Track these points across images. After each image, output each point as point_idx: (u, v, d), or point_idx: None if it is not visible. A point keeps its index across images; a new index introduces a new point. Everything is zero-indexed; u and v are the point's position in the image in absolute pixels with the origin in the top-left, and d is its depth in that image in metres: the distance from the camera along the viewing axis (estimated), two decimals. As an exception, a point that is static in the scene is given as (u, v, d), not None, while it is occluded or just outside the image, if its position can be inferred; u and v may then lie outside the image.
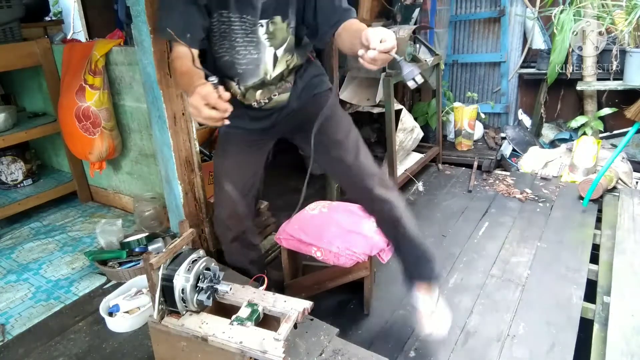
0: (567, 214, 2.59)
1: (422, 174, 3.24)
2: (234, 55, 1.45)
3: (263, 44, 1.43)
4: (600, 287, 1.94)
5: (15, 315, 1.85)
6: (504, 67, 3.76)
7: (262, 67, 1.47)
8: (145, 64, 1.72)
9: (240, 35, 1.41)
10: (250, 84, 1.50)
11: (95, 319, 1.76)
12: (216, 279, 1.28)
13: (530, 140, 3.65)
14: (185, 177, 1.90)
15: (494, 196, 2.89)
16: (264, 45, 1.43)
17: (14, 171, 2.70)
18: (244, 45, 1.43)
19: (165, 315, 1.26)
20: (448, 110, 3.67)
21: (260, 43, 1.43)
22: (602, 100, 3.49)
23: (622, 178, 2.88)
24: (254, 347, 1.14)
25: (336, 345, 1.42)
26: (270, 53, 1.45)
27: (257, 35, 1.41)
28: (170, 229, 2.21)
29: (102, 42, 2.25)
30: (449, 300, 1.94)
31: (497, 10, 3.64)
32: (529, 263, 2.17)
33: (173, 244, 1.26)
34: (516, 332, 1.75)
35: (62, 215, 2.67)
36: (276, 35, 1.43)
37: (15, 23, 2.39)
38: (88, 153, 2.34)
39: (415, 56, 2.85)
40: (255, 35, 1.41)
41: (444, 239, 2.43)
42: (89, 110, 2.22)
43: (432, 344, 1.70)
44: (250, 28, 1.40)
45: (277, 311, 1.26)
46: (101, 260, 2.02)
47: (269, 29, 1.41)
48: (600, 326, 1.72)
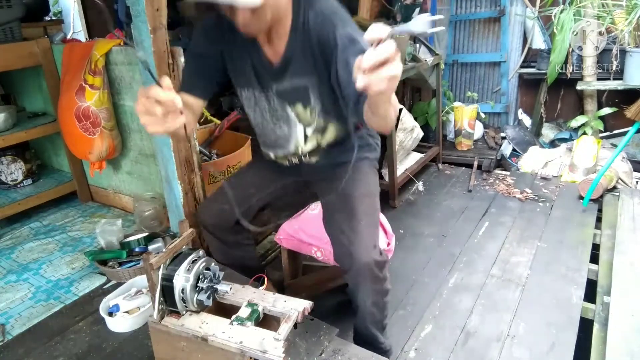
0: (567, 214, 2.59)
1: (422, 173, 3.24)
2: (265, 125, 1.40)
3: (293, 120, 1.35)
4: (601, 287, 1.94)
5: (15, 316, 1.85)
6: (504, 67, 3.76)
7: (293, 142, 1.39)
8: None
9: (268, 110, 1.36)
10: (281, 155, 1.46)
11: (95, 319, 1.76)
12: (216, 279, 1.27)
13: (530, 140, 3.65)
14: (185, 177, 1.89)
15: (494, 196, 2.89)
16: (294, 122, 1.35)
17: (13, 171, 2.70)
18: (274, 120, 1.37)
19: (165, 315, 1.26)
20: (448, 110, 3.67)
21: (290, 120, 1.35)
22: (602, 100, 3.49)
23: (622, 178, 2.88)
24: (254, 347, 1.14)
25: (336, 345, 1.42)
26: (301, 130, 1.37)
27: (286, 112, 1.34)
28: (170, 228, 2.21)
29: (102, 41, 2.25)
30: (449, 300, 1.95)
31: (497, 10, 3.64)
32: (529, 263, 2.17)
33: (173, 243, 1.26)
34: (516, 332, 1.75)
35: (62, 215, 2.67)
36: (302, 118, 1.35)
37: (15, 23, 2.38)
38: (88, 153, 2.33)
39: (415, 56, 2.85)
40: (285, 112, 1.34)
41: (444, 239, 2.43)
42: (88, 110, 2.22)
43: (432, 345, 1.71)
44: (278, 106, 1.34)
45: (277, 311, 1.26)
46: (101, 260, 2.02)
47: (296, 111, 1.34)
48: (600, 326, 1.72)
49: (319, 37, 1.17)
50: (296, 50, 1.21)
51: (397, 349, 1.69)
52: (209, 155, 2.49)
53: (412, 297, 1.97)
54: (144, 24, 1.63)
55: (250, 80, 1.32)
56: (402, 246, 2.34)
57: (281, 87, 1.28)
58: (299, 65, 1.23)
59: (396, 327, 1.79)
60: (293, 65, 1.24)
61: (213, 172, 2.23)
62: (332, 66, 1.16)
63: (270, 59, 1.26)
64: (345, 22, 1.16)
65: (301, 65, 1.23)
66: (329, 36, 1.14)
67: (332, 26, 1.14)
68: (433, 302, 1.94)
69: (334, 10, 1.19)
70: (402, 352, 1.68)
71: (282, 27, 1.20)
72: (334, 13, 1.18)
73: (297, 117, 1.34)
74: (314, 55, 1.20)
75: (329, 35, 1.14)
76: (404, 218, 2.67)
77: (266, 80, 1.30)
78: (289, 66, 1.24)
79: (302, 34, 1.19)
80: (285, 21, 1.19)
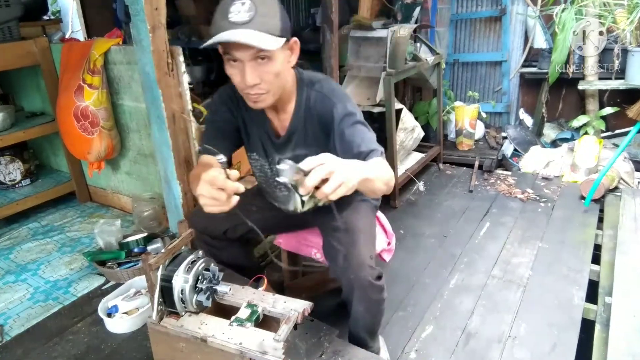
0: (569, 214, 2.58)
1: (423, 173, 3.23)
2: (267, 187, 1.54)
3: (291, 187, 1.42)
4: (602, 288, 1.93)
5: (13, 316, 1.84)
6: (505, 67, 3.75)
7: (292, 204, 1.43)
8: (144, 63, 1.71)
9: (269, 175, 1.49)
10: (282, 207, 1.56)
11: (94, 319, 1.75)
12: (215, 279, 1.27)
13: (531, 139, 3.64)
14: (185, 177, 1.89)
15: (495, 196, 2.88)
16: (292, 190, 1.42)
17: (12, 171, 2.69)
18: (274, 184, 1.49)
19: (164, 316, 1.25)
20: (449, 109, 3.66)
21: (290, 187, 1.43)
22: (604, 99, 3.48)
23: (624, 178, 2.87)
24: (253, 348, 1.13)
25: (336, 347, 1.41)
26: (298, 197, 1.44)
27: None
28: (169, 229, 2.20)
29: (101, 41, 2.24)
30: (450, 301, 1.94)
31: (499, 9, 3.63)
32: (530, 263, 2.16)
33: (172, 244, 1.25)
34: (517, 333, 1.74)
35: (61, 216, 2.66)
36: None
37: (13, 22, 2.38)
38: (86, 153, 2.32)
39: (416, 55, 2.84)
40: None
41: (445, 239, 2.42)
42: (87, 109, 2.21)
43: (433, 346, 1.70)
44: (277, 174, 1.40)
45: (277, 312, 1.25)
46: (100, 260, 2.02)
47: None
48: (601, 327, 1.71)
49: (320, 114, 1.32)
50: (299, 124, 1.36)
51: (398, 350, 1.68)
52: (209, 155, 2.48)
53: (413, 298, 1.96)
54: (143, 23, 1.62)
55: (257, 147, 1.45)
56: (403, 247, 2.33)
57: (284, 156, 1.41)
58: (302, 137, 1.37)
59: (397, 328, 1.79)
60: (296, 138, 1.38)
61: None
62: (331, 138, 1.31)
63: (276, 131, 1.41)
64: (342, 99, 1.31)
65: (303, 138, 1.37)
66: (328, 113, 1.30)
67: (331, 104, 1.30)
68: (434, 302, 1.93)
69: (332, 89, 1.34)
70: (402, 353, 1.67)
71: (288, 104, 1.35)
72: (332, 91, 1.33)
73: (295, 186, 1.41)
74: (315, 129, 1.35)
75: (328, 112, 1.30)
76: (405, 218, 2.66)
77: (270, 150, 1.43)
78: (292, 138, 1.38)
79: (305, 110, 1.35)
80: (291, 98, 1.34)
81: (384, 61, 2.64)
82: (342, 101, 1.31)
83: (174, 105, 1.78)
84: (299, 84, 1.35)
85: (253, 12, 1.11)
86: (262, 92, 1.20)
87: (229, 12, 1.11)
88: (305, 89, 1.35)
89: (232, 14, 1.11)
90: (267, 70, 1.17)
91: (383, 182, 1.18)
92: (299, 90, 1.35)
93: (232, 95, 1.38)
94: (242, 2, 1.11)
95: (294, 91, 1.35)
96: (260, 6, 1.12)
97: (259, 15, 1.11)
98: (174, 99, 1.78)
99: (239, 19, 1.10)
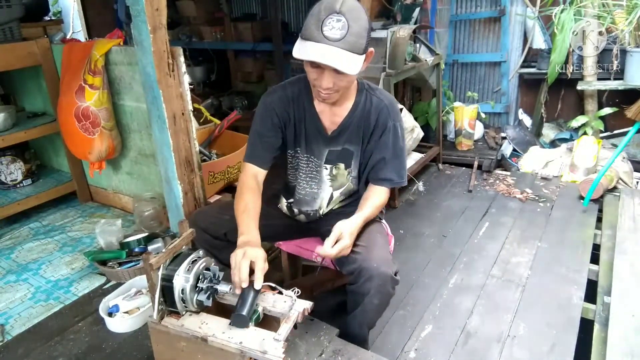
0: (568, 214, 2.59)
1: (423, 173, 3.24)
2: (297, 184, 1.59)
3: (325, 182, 1.56)
4: (601, 288, 1.93)
5: (14, 316, 1.85)
6: (504, 67, 3.76)
7: (318, 202, 1.60)
8: (144, 63, 1.72)
9: (304, 171, 1.56)
10: (301, 210, 1.63)
11: (95, 319, 1.76)
12: (216, 279, 1.27)
13: (530, 140, 3.64)
14: (185, 177, 1.89)
15: (494, 196, 2.89)
16: (326, 184, 1.57)
17: (13, 171, 2.70)
18: (307, 180, 1.57)
19: (165, 316, 1.26)
20: (448, 110, 3.67)
21: (323, 182, 1.56)
22: (603, 100, 3.49)
23: (623, 178, 2.88)
24: (253, 347, 1.14)
25: (336, 346, 1.42)
26: (328, 192, 1.58)
27: (320, 175, 1.55)
28: (170, 229, 2.20)
29: (102, 41, 2.25)
30: (449, 300, 1.95)
31: (498, 9, 3.64)
32: (529, 263, 2.16)
33: (173, 244, 1.26)
34: (516, 332, 1.75)
35: (62, 216, 2.67)
36: (337, 179, 1.55)
37: (14, 23, 2.38)
38: (87, 153, 2.33)
39: (416, 56, 2.85)
40: (319, 174, 1.55)
41: (444, 239, 2.42)
42: (88, 110, 2.22)
43: (432, 345, 1.70)
44: (315, 168, 1.54)
45: (277, 311, 1.26)
46: (101, 260, 2.02)
47: (332, 172, 1.54)
48: (600, 326, 1.72)
49: (376, 118, 1.45)
50: (353, 122, 1.46)
51: (397, 349, 1.68)
52: (209, 156, 2.49)
53: (413, 298, 1.96)
54: (144, 24, 1.63)
55: (299, 141, 1.51)
56: (403, 246, 2.34)
57: (333, 149, 1.51)
58: (353, 134, 1.48)
59: (396, 328, 1.79)
60: (347, 133, 1.48)
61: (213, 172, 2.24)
62: (372, 140, 1.47)
63: (325, 126, 1.48)
64: (398, 116, 1.48)
65: (355, 134, 1.48)
66: (384, 120, 1.45)
67: (389, 114, 1.46)
68: (433, 302, 1.94)
69: (392, 101, 1.50)
70: (402, 352, 1.67)
71: (345, 102, 1.45)
72: (392, 105, 1.48)
73: (331, 179, 1.56)
74: (365, 129, 1.47)
75: (384, 120, 1.45)
76: (404, 218, 2.66)
77: (318, 144, 1.50)
78: (344, 133, 1.48)
79: (362, 111, 1.46)
80: (349, 97, 1.45)
81: (384, 62, 2.64)
82: (398, 118, 1.47)
83: (174, 105, 1.78)
84: (359, 86, 1.47)
85: (345, 30, 1.18)
86: (333, 92, 1.32)
87: (324, 24, 1.18)
88: (365, 92, 1.47)
89: (326, 28, 1.18)
90: (343, 79, 1.28)
91: (378, 210, 1.49)
92: (359, 92, 1.46)
93: (283, 95, 1.47)
94: (338, 19, 1.18)
95: (354, 92, 1.46)
96: (353, 25, 1.19)
97: (350, 35, 1.19)
98: (174, 100, 1.78)
99: (332, 35, 1.18)
